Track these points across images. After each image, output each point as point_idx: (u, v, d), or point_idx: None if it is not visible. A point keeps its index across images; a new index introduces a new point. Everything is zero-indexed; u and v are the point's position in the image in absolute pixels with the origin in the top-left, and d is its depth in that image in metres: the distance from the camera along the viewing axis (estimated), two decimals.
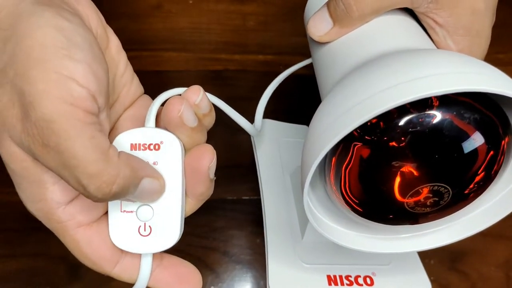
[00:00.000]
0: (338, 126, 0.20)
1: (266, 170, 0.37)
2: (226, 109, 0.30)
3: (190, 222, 0.28)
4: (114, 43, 0.27)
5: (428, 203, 0.23)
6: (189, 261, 0.39)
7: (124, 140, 0.25)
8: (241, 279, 0.38)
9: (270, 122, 0.41)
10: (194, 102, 0.25)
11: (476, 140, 0.21)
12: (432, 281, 0.39)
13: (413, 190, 0.22)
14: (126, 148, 0.25)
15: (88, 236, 0.25)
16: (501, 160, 0.22)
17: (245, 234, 0.40)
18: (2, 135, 0.22)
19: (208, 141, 0.27)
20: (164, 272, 0.27)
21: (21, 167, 0.23)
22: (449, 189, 0.22)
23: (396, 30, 0.25)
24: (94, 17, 0.25)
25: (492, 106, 0.21)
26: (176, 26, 0.51)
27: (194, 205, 0.27)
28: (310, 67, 0.37)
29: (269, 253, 0.32)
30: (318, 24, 0.27)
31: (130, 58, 0.28)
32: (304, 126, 0.41)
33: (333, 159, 0.23)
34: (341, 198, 0.24)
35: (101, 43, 0.25)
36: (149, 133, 0.25)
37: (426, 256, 0.40)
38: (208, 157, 0.25)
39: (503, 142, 0.22)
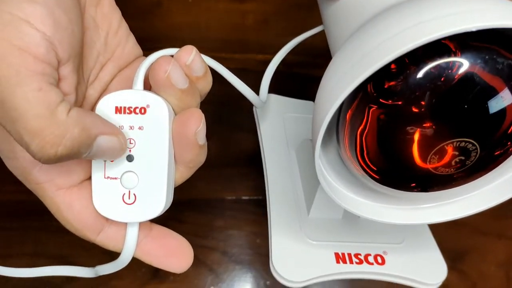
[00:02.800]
0: (352, 74, 0.18)
1: (270, 145, 0.35)
2: (229, 77, 0.28)
3: (189, 222, 0.28)
4: (106, 0, 0.25)
5: (453, 164, 0.21)
6: None
7: (109, 103, 0.23)
8: (241, 279, 0.38)
9: (275, 96, 0.39)
10: (185, 62, 0.23)
11: (506, 93, 0.19)
12: None
13: (436, 148, 0.20)
14: (111, 111, 0.23)
15: (69, 201, 0.24)
16: None
17: (244, 234, 0.40)
18: None
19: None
20: (152, 243, 0.25)
21: None
22: (477, 146, 0.20)
23: None
24: None
25: None
26: (175, 24, 0.51)
27: (185, 173, 0.25)
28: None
29: (273, 229, 0.30)
30: None
31: None
32: (311, 102, 0.39)
33: (347, 119, 0.21)
34: (358, 165, 0.22)
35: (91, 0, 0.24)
36: (135, 95, 0.23)
37: None
38: (194, 122, 0.23)
39: None
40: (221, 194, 0.41)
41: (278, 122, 0.37)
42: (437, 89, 0.19)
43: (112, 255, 0.27)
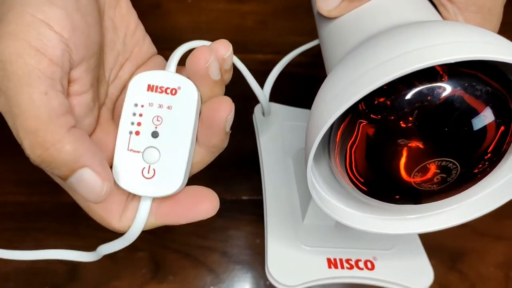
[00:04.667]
0: (344, 96, 0.19)
1: (268, 153, 0.37)
2: (244, 72, 0.30)
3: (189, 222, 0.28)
4: (124, 2, 0.26)
5: (435, 180, 0.22)
6: (188, 261, 0.39)
7: (142, 80, 0.25)
8: (241, 279, 0.38)
9: (274, 105, 0.41)
10: (223, 55, 0.25)
11: (486, 115, 0.20)
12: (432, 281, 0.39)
13: (420, 166, 0.22)
14: (143, 88, 0.24)
15: None
16: (506, 146, 0.22)
17: (244, 234, 0.40)
18: None
19: None
20: (171, 204, 0.25)
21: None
22: (458, 165, 0.22)
23: (404, 4, 0.24)
24: None
25: (501, 79, 0.21)
26: (175, 25, 0.51)
27: (206, 156, 0.26)
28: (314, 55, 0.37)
29: (269, 234, 0.31)
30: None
31: None
32: (309, 110, 0.41)
33: (338, 134, 0.23)
34: (347, 177, 0.24)
35: (110, 2, 0.25)
36: (168, 76, 0.25)
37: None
38: (226, 109, 0.24)
39: None
40: (221, 195, 0.41)
41: (277, 130, 0.38)
42: (422, 109, 0.20)
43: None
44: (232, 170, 0.42)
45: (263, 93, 0.32)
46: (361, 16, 0.25)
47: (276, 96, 0.42)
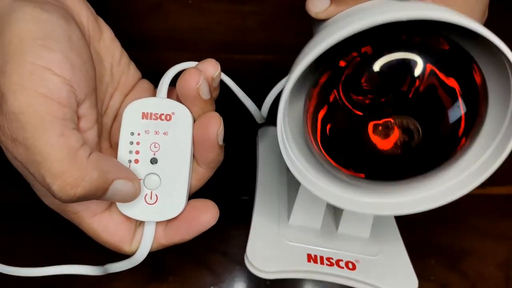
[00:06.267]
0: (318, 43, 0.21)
1: (264, 159, 0.38)
2: (235, 89, 0.30)
3: None
4: (107, 33, 0.27)
5: (398, 143, 0.24)
6: (188, 261, 0.39)
7: (136, 109, 0.25)
8: (241, 279, 0.38)
9: (273, 129, 0.41)
10: (212, 75, 0.25)
11: (448, 84, 0.22)
12: (432, 281, 0.39)
13: (383, 121, 0.23)
14: (138, 116, 0.25)
15: (104, 223, 0.25)
16: (475, 107, 0.23)
17: (244, 234, 0.40)
18: None
19: None
20: (175, 224, 0.26)
21: (16, 164, 0.23)
22: (419, 127, 0.23)
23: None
24: (83, 10, 0.25)
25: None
26: (175, 25, 0.51)
27: (206, 173, 0.27)
28: None
29: (252, 228, 0.32)
30: (316, 2, 0.28)
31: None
32: None
33: (311, 99, 0.24)
34: (316, 147, 0.25)
35: (94, 35, 0.26)
36: (161, 103, 0.25)
37: (426, 256, 0.40)
38: (215, 124, 0.25)
39: (477, 80, 0.22)
40: (221, 195, 0.41)
41: (275, 138, 0.39)
42: (386, 69, 0.22)
43: (114, 255, 0.27)
44: (232, 170, 0.42)
45: (252, 104, 0.32)
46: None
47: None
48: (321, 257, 0.30)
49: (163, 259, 0.39)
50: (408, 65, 0.21)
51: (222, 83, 0.28)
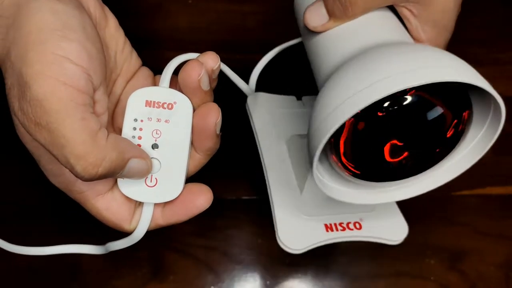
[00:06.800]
0: (332, 119, 0.24)
1: (264, 137, 0.41)
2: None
3: (190, 222, 0.28)
4: (112, 21, 0.28)
5: (404, 162, 0.28)
6: (189, 261, 0.39)
7: (140, 96, 0.27)
8: (241, 279, 0.38)
9: (263, 94, 0.44)
10: (212, 68, 0.27)
11: (440, 118, 0.26)
12: (432, 281, 0.39)
13: (394, 147, 0.27)
14: (142, 104, 0.27)
15: (107, 203, 0.27)
16: (460, 132, 0.27)
17: (244, 234, 0.40)
18: (13, 117, 0.23)
19: None
20: (172, 206, 0.28)
21: (32, 146, 0.25)
22: (420, 150, 0.27)
23: (380, 23, 0.29)
24: None
25: (454, 95, 0.26)
26: (175, 25, 0.51)
27: (202, 160, 0.29)
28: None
29: (275, 207, 0.37)
30: (314, 16, 0.29)
31: None
32: (293, 97, 0.46)
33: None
34: (341, 166, 0.28)
35: (100, 23, 0.27)
36: (164, 92, 0.27)
37: (426, 256, 0.40)
38: (214, 115, 0.27)
39: (464, 115, 0.26)
40: (221, 195, 0.41)
41: (267, 117, 0.43)
42: (393, 115, 0.25)
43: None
44: (232, 170, 0.42)
45: (242, 81, 0.35)
46: (344, 33, 0.29)
47: (263, 86, 0.44)
48: (335, 224, 0.36)
49: (163, 258, 0.39)
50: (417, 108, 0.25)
51: None
